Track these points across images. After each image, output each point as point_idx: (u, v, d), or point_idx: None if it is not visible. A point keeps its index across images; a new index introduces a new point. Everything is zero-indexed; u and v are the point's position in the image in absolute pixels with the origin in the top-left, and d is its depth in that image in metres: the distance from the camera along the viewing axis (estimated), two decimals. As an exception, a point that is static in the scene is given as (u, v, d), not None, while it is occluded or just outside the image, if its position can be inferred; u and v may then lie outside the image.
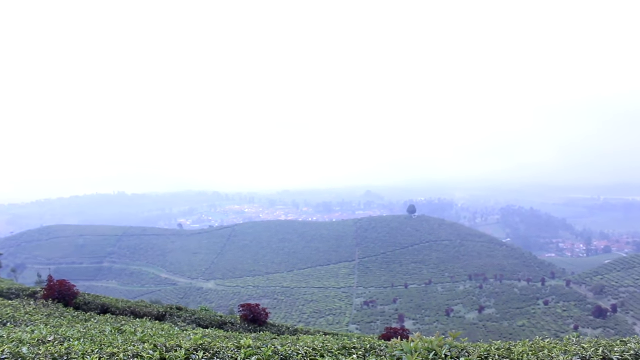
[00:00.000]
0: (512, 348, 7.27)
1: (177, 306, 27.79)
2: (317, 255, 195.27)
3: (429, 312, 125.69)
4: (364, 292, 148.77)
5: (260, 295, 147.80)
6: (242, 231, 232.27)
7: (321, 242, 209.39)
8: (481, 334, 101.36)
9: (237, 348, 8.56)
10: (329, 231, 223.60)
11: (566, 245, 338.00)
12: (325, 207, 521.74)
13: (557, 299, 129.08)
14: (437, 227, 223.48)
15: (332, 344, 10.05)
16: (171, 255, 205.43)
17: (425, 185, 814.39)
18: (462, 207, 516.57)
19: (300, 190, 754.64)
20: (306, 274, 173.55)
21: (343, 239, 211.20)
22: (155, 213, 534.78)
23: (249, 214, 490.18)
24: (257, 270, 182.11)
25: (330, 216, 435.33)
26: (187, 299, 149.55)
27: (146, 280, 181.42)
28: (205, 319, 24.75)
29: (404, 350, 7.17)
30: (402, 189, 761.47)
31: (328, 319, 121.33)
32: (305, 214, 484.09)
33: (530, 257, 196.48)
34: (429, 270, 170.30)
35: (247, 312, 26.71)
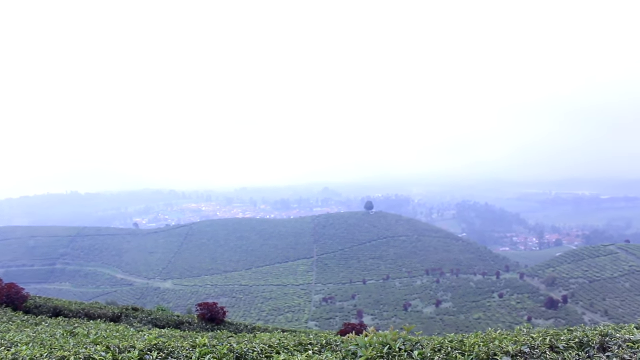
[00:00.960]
0: (464, 340, 7.39)
1: (133, 307, 27.36)
2: (276, 252, 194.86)
3: (387, 307, 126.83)
4: (322, 289, 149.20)
5: (219, 294, 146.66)
6: (199, 230, 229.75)
7: (279, 239, 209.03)
8: (438, 328, 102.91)
9: (192, 347, 8.48)
10: (287, 228, 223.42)
11: (520, 239, 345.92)
12: (283, 205, 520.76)
13: (512, 292, 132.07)
14: (395, 223, 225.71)
15: (288, 340, 10.05)
16: (127, 255, 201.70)
17: (383, 182, 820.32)
18: (419, 203, 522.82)
19: (258, 187, 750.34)
20: (264, 272, 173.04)
21: (301, 236, 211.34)
22: (110, 212, 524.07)
23: (206, 212, 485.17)
24: (215, 269, 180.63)
25: (288, 213, 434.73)
26: (144, 300, 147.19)
27: (101, 282, 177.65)
28: (162, 319, 24.43)
29: (359, 344, 7.22)
30: (359, 185, 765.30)
31: (287, 316, 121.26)
32: (263, 212, 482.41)
33: (486, 252, 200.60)
34: (387, 265, 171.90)
35: (204, 311, 26.48)
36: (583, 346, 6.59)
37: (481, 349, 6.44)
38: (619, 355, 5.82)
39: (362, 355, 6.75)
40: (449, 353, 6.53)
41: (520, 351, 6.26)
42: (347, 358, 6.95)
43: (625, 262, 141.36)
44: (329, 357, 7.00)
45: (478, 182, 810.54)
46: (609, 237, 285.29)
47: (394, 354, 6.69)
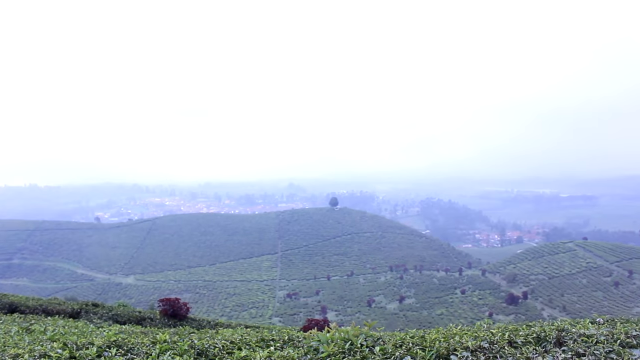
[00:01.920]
0: (425, 336, 7.45)
1: (93, 302, 26.92)
2: (240, 248, 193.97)
3: (351, 303, 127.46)
4: (286, 285, 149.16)
5: (182, 290, 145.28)
6: (162, 224, 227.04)
7: (243, 234, 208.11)
8: (401, 324, 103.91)
9: (152, 343, 8.38)
10: (251, 224, 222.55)
11: (482, 236, 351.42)
12: (247, 200, 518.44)
13: (474, 288, 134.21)
14: (359, 219, 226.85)
15: (251, 336, 10.01)
16: (88, 250, 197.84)
17: (348, 178, 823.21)
18: (384, 200, 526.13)
19: (223, 182, 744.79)
20: (228, 267, 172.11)
21: (265, 231, 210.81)
22: (71, 206, 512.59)
23: (170, 206, 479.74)
24: (178, 264, 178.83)
25: (253, 209, 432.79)
26: (105, 295, 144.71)
27: (61, 277, 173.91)
28: (123, 315, 24.08)
29: (321, 340, 7.23)
30: (324, 181, 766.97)
31: (251, 312, 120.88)
32: (227, 207, 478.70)
33: (449, 248, 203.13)
34: (351, 261, 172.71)
35: (166, 306, 26.17)
36: (540, 341, 6.73)
37: (441, 344, 6.50)
38: (574, 349, 5.96)
39: (323, 351, 6.75)
40: (410, 348, 6.58)
41: (479, 346, 6.34)
42: (309, 354, 6.94)
43: (582, 258, 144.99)
44: (290, 353, 6.98)
45: (442, 180, 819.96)
46: (567, 234, 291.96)
47: (356, 350, 6.72)
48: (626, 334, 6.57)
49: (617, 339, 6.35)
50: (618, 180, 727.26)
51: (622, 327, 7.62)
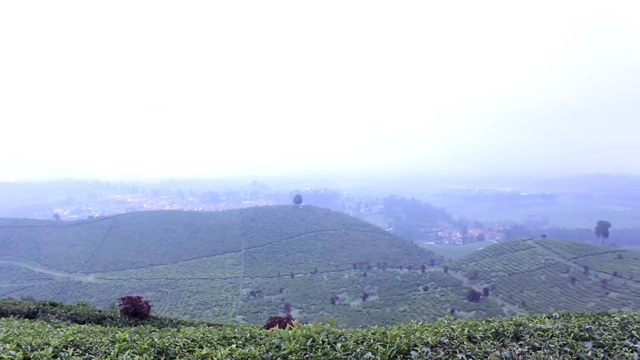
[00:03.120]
0: (387, 332, 7.52)
1: (51, 302, 26.32)
2: (203, 245, 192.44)
3: (314, 300, 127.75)
4: (250, 282, 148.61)
5: (144, 288, 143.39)
6: (124, 221, 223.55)
7: (207, 232, 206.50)
8: (365, 320, 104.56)
9: (111, 342, 8.24)
10: (214, 221, 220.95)
11: (444, 233, 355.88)
12: (211, 197, 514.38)
13: (436, 285, 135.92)
14: (323, 217, 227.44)
15: (212, 334, 9.95)
16: (46, 248, 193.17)
17: (312, 176, 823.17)
18: (347, 198, 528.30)
19: (186, 179, 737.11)
20: (191, 265, 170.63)
21: (229, 229, 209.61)
22: (28, 203, 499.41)
23: (132, 203, 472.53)
24: (140, 262, 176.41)
25: (216, 206, 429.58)
26: (64, 294, 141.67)
27: (17, 276, 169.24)
28: (82, 315, 23.57)
29: (283, 337, 7.22)
30: (288, 179, 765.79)
31: (214, 310, 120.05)
32: (190, 204, 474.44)
33: (411, 246, 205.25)
34: (315, 259, 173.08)
35: (127, 305, 25.75)
36: (498, 336, 6.87)
37: (402, 340, 6.57)
38: (530, 343, 6.12)
39: (285, 348, 6.75)
40: (371, 344, 6.63)
41: (439, 342, 6.43)
42: (271, 351, 6.92)
43: (541, 255, 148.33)
44: (252, 350, 6.95)
45: (405, 178, 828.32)
46: (527, 232, 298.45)
47: (317, 347, 6.74)
48: (579, 328, 6.78)
49: (571, 332, 6.56)
50: (575, 179, 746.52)
51: (576, 321, 7.84)
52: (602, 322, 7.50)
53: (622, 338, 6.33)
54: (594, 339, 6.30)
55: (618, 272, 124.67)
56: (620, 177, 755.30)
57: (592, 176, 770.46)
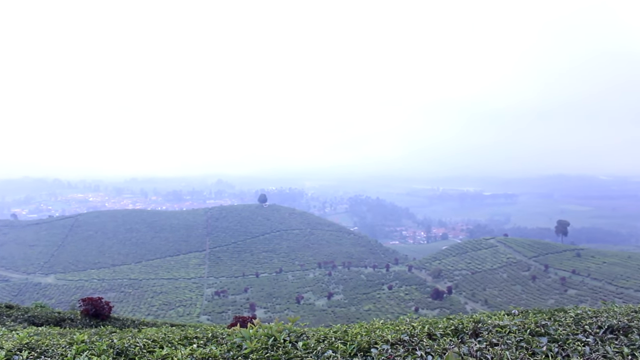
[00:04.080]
0: (348, 330, 7.57)
1: (7, 304, 25.66)
2: (167, 245, 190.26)
3: (279, 300, 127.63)
4: (214, 282, 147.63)
5: (106, 289, 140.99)
6: (85, 221, 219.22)
7: (171, 231, 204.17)
8: (330, 320, 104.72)
9: (69, 344, 8.09)
10: (178, 220, 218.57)
11: (408, 232, 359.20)
12: (175, 196, 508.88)
13: (400, 284, 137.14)
14: (288, 216, 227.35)
15: (174, 334, 9.86)
16: (3, 248, 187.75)
17: (277, 175, 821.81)
18: (312, 197, 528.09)
19: (149, 177, 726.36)
20: (155, 265, 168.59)
21: (193, 228, 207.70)
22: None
23: (94, 202, 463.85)
24: (102, 262, 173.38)
25: (181, 205, 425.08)
26: (22, 296, 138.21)
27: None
28: (40, 317, 23.01)
29: (244, 337, 7.20)
30: (253, 178, 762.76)
31: (178, 311, 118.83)
32: (154, 203, 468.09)
33: (376, 245, 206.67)
34: (280, 258, 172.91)
35: (88, 306, 25.27)
36: (458, 333, 6.98)
37: (363, 338, 6.62)
38: (488, 339, 6.24)
39: (246, 347, 6.73)
40: (332, 343, 6.66)
41: (399, 339, 6.50)
42: (232, 350, 6.89)
43: (503, 254, 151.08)
44: (213, 350, 6.91)
45: (371, 178, 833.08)
46: (489, 231, 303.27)
47: (278, 345, 6.74)
48: (536, 324, 6.96)
49: (527, 328, 6.73)
50: (536, 179, 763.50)
51: (533, 317, 8.04)
52: (558, 318, 7.70)
53: (576, 333, 6.54)
54: (550, 334, 6.47)
55: (576, 269, 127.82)
56: (579, 177, 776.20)
57: (552, 177, 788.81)
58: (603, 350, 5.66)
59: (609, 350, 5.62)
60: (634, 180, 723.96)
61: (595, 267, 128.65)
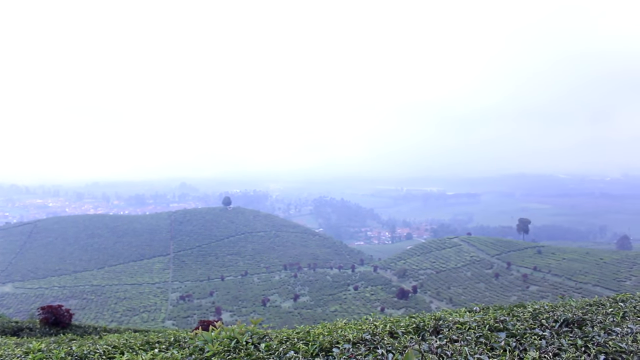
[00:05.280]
0: (311, 331, 7.59)
1: (-38, 314, 24.98)
2: (130, 250, 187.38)
3: (245, 303, 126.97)
4: (179, 287, 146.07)
5: (67, 296, 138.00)
6: (45, 227, 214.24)
7: (134, 236, 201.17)
8: (296, 321, 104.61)
9: (25, 354, 7.92)
10: (142, 225, 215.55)
11: (373, 233, 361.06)
12: (137, 200, 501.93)
13: (366, 284, 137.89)
14: (252, 219, 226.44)
15: (136, 340, 9.74)
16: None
17: (241, 177, 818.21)
18: (277, 199, 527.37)
19: (111, 182, 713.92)
20: (118, 271, 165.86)
21: (157, 232, 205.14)
22: None
23: (54, 208, 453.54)
24: (63, 269, 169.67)
25: (144, 209, 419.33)
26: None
27: None
28: (-4, 327, 22.46)
29: (206, 340, 7.16)
30: (217, 180, 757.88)
31: (142, 317, 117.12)
32: (116, 208, 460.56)
33: (341, 246, 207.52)
34: (245, 261, 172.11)
35: (47, 314, 24.76)
36: (419, 330, 7.08)
37: (325, 338, 6.65)
38: (449, 336, 6.35)
39: (208, 350, 6.70)
40: (294, 344, 6.67)
41: (361, 338, 6.55)
42: (194, 354, 6.85)
43: (467, 253, 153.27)
44: (174, 354, 6.86)
45: (335, 179, 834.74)
46: (453, 230, 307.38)
47: (241, 348, 6.72)
48: (495, 320, 7.11)
49: (487, 324, 6.89)
50: (498, 178, 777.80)
51: (493, 313, 8.21)
52: (516, 314, 7.90)
53: (533, 327, 6.71)
54: (508, 329, 6.62)
55: (538, 266, 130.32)
56: (539, 176, 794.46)
57: (513, 176, 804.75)
58: (558, 343, 5.84)
59: (564, 342, 5.81)
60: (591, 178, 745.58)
61: (556, 263, 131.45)
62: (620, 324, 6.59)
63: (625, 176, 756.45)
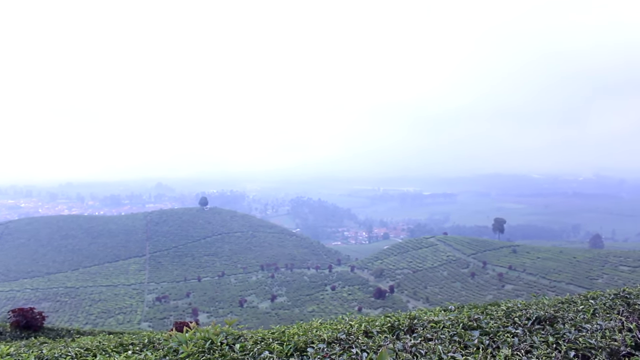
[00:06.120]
0: (286, 331, 7.57)
1: None
2: (105, 251, 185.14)
3: (222, 304, 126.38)
4: (155, 288, 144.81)
5: (40, 299, 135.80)
6: (17, 228, 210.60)
7: (109, 237, 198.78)
8: (273, 322, 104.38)
9: (-7, 357, 7.76)
10: (117, 226, 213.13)
11: (350, 233, 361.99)
12: (113, 201, 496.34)
13: (343, 284, 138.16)
14: (229, 219, 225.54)
15: (109, 342, 9.62)
16: None
17: (218, 177, 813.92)
18: (254, 199, 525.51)
19: (86, 182, 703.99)
20: (93, 272, 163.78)
21: (133, 233, 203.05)
22: None
23: (26, 209, 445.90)
24: (36, 271, 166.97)
25: (119, 210, 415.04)
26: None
27: None
28: (-34, 330, 21.99)
29: (180, 341, 7.09)
30: (194, 181, 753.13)
31: (118, 318, 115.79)
32: (91, 208, 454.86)
33: (319, 246, 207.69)
34: (222, 262, 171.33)
35: (19, 317, 24.33)
36: (394, 329, 7.12)
37: (300, 338, 6.64)
38: (423, 335, 6.39)
39: (183, 351, 6.63)
40: (269, 344, 6.64)
41: (336, 338, 6.55)
42: (168, 355, 6.78)
43: (443, 252, 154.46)
44: (148, 355, 6.79)
45: (312, 179, 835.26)
46: (429, 230, 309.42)
47: (215, 348, 6.67)
48: (469, 318, 7.18)
49: (460, 322, 6.96)
50: (474, 178, 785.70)
51: (467, 312, 8.29)
52: (490, 312, 7.97)
53: (506, 325, 6.79)
54: (482, 327, 6.69)
55: (513, 265, 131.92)
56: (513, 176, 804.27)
57: (489, 176, 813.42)
58: (530, 340, 5.92)
59: (536, 340, 5.89)
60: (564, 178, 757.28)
61: (530, 262, 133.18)
62: (591, 320, 6.70)
63: (597, 176, 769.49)
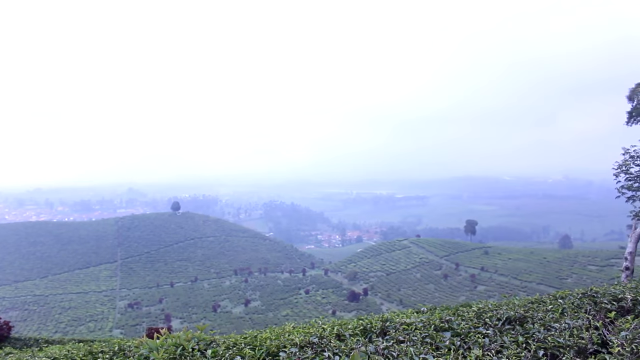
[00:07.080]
0: (258, 335, 7.54)
1: None
2: (75, 258, 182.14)
3: (196, 309, 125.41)
4: (127, 294, 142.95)
5: (7, 308, 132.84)
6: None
7: (79, 243, 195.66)
8: (247, 327, 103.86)
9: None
10: (87, 231, 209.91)
11: (324, 236, 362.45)
12: (83, 206, 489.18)
13: (317, 287, 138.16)
14: (202, 224, 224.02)
15: (79, 351, 9.45)
16: None
17: (190, 181, 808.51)
18: (227, 203, 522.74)
19: (55, 187, 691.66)
20: (62, 279, 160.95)
21: (103, 239, 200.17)
22: None
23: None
24: (2, 279, 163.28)
25: (89, 215, 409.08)
26: None
27: None
28: None
29: (151, 348, 7.02)
30: (166, 185, 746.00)
31: (89, 326, 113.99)
32: (60, 214, 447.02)
33: (292, 250, 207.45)
34: (195, 267, 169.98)
35: (-16, 326, 23.82)
36: (366, 332, 7.14)
37: (272, 342, 6.63)
38: (395, 337, 6.43)
39: (153, 358, 6.56)
40: (241, 349, 6.61)
41: (308, 342, 6.54)
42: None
43: (416, 254, 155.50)
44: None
45: (285, 183, 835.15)
46: (402, 232, 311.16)
47: (187, 354, 6.61)
48: (440, 319, 7.26)
49: (432, 324, 7.02)
50: (446, 181, 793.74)
51: (439, 313, 8.37)
52: (461, 313, 8.06)
53: (477, 326, 6.88)
54: (453, 328, 6.76)
55: (485, 266, 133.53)
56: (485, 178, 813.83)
57: (461, 178, 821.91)
58: (501, 340, 6.02)
59: (506, 340, 5.99)
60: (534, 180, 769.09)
61: (502, 263, 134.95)
62: (559, 320, 6.82)
63: (566, 178, 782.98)
